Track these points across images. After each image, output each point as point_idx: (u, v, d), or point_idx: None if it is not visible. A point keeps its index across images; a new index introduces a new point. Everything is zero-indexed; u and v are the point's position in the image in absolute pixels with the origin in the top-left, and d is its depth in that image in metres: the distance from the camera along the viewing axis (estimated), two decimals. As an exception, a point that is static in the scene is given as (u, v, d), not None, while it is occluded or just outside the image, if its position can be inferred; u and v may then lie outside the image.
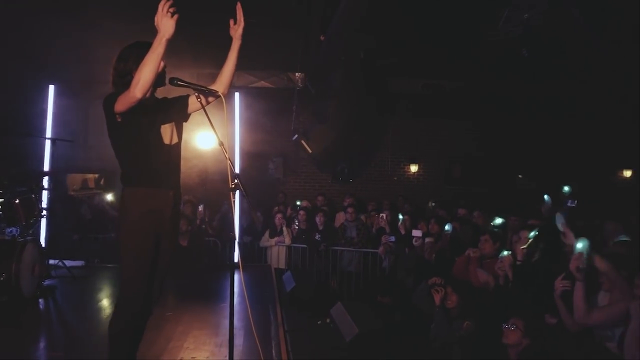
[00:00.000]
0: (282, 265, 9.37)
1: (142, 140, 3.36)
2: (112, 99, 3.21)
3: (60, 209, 9.07)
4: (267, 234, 9.64)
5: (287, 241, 9.40)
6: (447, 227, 7.21)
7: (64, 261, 7.38)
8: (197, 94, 3.37)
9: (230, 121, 8.34)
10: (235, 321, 3.29)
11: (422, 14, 8.59)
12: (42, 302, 6.00)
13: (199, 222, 9.73)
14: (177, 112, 3.57)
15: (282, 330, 5.43)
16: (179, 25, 3.06)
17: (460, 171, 13.63)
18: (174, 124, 3.54)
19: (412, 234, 7.45)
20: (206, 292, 6.99)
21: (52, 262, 7.14)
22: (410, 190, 13.21)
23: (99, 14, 7.70)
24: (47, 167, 7.64)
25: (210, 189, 10.03)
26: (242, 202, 8.40)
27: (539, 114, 12.37)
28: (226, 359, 3.46)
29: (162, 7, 3.03)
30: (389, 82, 12.03)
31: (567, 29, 8.22)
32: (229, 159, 3.22)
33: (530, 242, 5.10)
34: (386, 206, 10.83)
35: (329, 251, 9.22)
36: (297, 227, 9.60)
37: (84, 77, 9.30)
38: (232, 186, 3.23)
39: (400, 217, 8.26)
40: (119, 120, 3.25)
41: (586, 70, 9.38)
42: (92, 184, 12.15)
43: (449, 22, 9.11)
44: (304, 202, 11.12)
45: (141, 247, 3.34)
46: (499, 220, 7.85)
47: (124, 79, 3.33)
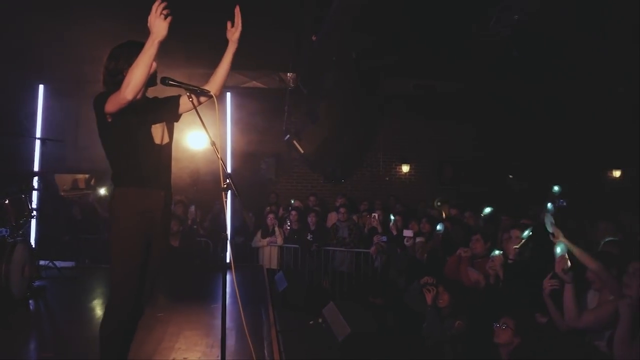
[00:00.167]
0: (274, 265, 9.36)
1: (132, 140, 3.34)
2: (103, 99, 3.19)
3: (50, 209, 9.02)
4: (259, 234, 9.64)
5: (279, 241, 9.40)
6: (438, 227, 7.24)
7: (55, 262, 7.35)
8: (189, 94, 3.35)
9: (221, 121, 8.32)
10: (227, 322, 3.28)
11: (413, 14, 8.61)
12: (32, 303, 5.96)
13: (190, 223, 9.70)
14: (168, 112, 3.56)
15: (275, 330, 5.43)
16: (171, 25, 3.05)
17: (451, 171, 13.68)
18: (164, 123, 3.52)
19: (404, 234, 7.47)
20: (198, 292, 6.97)
21: (42, 262, 7.10)
22: (402, 190, 13.23)
23: (87, 13, 7.67)
24: (37, 168, 7.61)
25: (201, 190, 10.01)
26: (234, 202, 8.39)
27: (531, 115, 12.44)
28: (218, 359, 3.45)
29: (156, 9, 3.00)
30: (380, 83, 12.04)
31: (558, 29, 8.27)
32: (221, 159, 3.21)
33: (523, 242, 5.12)
34: (378, 206, 10.84)
35: (321, 251, 9.22)
36: (289, 227, 9.60)
37: (74, 76, 9.25)
38: (224, 186, 3.22)
39: (392, 217, 8.27)
40: (110, 120, 3.23)
41: (577, 70, 9.44)
42: (82, 185, 12.08)
43: (441, 23, 9.13)
44: (296, 202, 11.11)
45: (132, 247, 3.32)
46: (488, 209, 7.90)
47: (114, 78, 3.32)
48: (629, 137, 11.77)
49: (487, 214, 8.01)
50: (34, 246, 6.83)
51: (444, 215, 9.32)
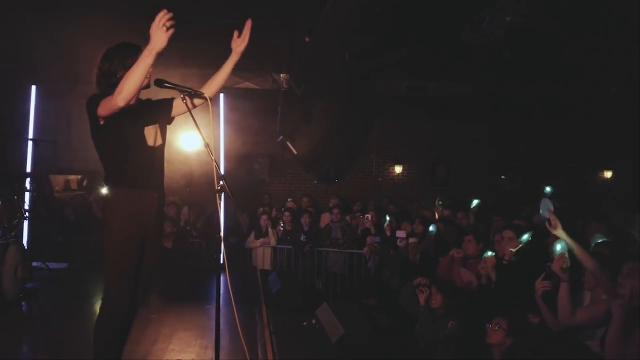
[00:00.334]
0: (267, 266, 9.36)
1: (125, 142, 3.33)
2: (95, 102, 3.18)
3: (43, 210, 8.98)
4: (252, 235, 9.63)
5: (273, 242, 9.40)
6: (431, 228, 7.26)
7: (47, 263, 7.32)
8: (183, 96, 3.34)
9: (215, 122, 8.32)
10: (220, 323, 3.29)
11: (406, 15, 8.64)
12: (25, 304, 5.95)
13: (183, 224, 9.69)
14: (161, 115, 3.55)
15: (268, 331, 5.44)
16: (170, 27, 3.03)
17: (444, 172, 13.72)
18: (157, 125, 3.51)
19: (396, 235, 7.48)
20: (191, 293, 6.95)
21: (35, 264, 7.08)
22: (395, 191, 13.26)
23: (80, 13, 7.66)
24: (29, 169, 7.58)
25: (195, 191, 10.01)
26: (228, 203, 8.39)
27: (524, 115, 12.50)
28: (212, 360, 3.46)
29: (160, 19, 2.95)
30: (373, 84, 12.07)
31: (551, 30, 8.32)
32: (215, 161, 3.22)
33: (520, 247, 5.09)
34: (371, 207, 10.86)
35: (314, 252, 9.23)
36: (282, 228, 9.60)
37: (66, 77, 9.23)
38: (218, 188, 3.23)
39: (387, 218, 8.28)
40: (102, 123, 3.23)
41: (570, 71, 9.50)
42: (74, 185, 12.05)
43: (434, 24, 9.16)
44: (289, 203, 11.12)
45: (125, 249, 3.33)
46: (476, 201, 7.94)
47: (108, 80, 3.32)
48: (621, 138, 11.89)
49: (476, 206, 8.02)
50: (26, 248, 6.80)
51: (437, 216, 9.35)
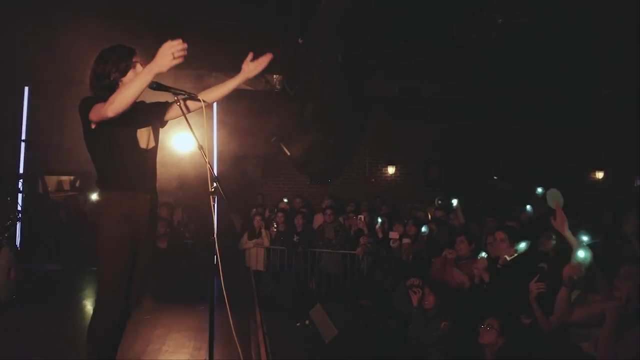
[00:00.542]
0: (260, 267, 9.35)
1: (117, 144, 3.33)
2: (88, 106, 3.18)
3: (35, 211, 8.96)
4: (245, 236, 9.62)
5: (266, 243, 9.40)
6: (423, 229, 7.28)
7: (40, 264, 7.31)
8: (177, 99, 3.33)
9: (208, 124, 8.32)
10: (214, 324, 3.30)
11: (400, 16, 8.67)
12: (18, 306, 5.94)
13: (176, 225, 9.67)
14: (154, 118, 3.55)
15: (262, 332, 5.45)
16: (160, 25, 3.03)
17: (437, 173, 13.77)
18: (150, 128, 3.51)
19: (389, 236, 7.50)
20: (184, 294, 6.94)
21: (28, 265, 7.06)
22: (388, 191, 13.30)
23: (72, 13, 7.65)
24: (22, 170, 7.56)
25: (188, 192, 9.99)
26: (221, 204, 8.37)
27: (516, 117, 12.55)
28: (206, 361, 3.47)
29: (173, 46, 2.90)
30: (366, 85, 12.10)
31: (543, 32, 8.38)
32: (209, 163, 3.23)
33: (515, 257, 5.07)
34: (364, 208, 10.88)
35: (307, 253, 9.24)
36: (275, 229, 9.61)
37: (59, 78, 9.21)
38: (212, 190, 3.24)
39: (379, 220, 8.30)
40: (94, 127, 3.23)
41: (561, 73, 9.55)
42: (67, 186, 12.03)
43: (426, 25, 9.20)
44: (282, 204, 11.12)
45: (119, 250, 3.33)
46: (454, 200, 7.99)
47: (101, 82, 3.32)
48: (614, 138, 11.98)
49: (457, 205, 8.05)
50: (19, 249, 6.79)
51: (430, 217, 9.39)
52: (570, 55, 8.68)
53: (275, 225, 9.62)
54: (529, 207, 8.05)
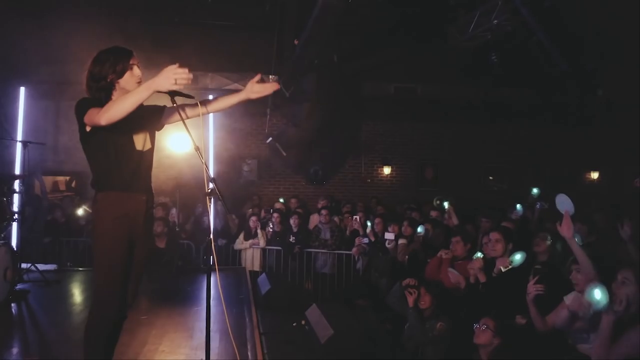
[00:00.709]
0: (256, 267, 9.37)
1: (113, 146, 3.32)
2: (83, 108, 3.18)
3: (31, 212, 8.95)
4: (241, 237, 9.64)
5: (262, 243, 9.41)
6: (419, 229, 7.29)
7: (37, 265, 7.30)
8: (175, 105, 3.32)
9: (204, 124, 8.33)
10: (210, 324, 3.32)
11: (395, 17, 8.71)
12: (14, 306, 5.95)
13: (171, 225, 9.66)
14: (151, 121, 3.54)
15: (258, 332, 5.46)
16: (158, 27, 3.03)
17: (432, 173, 13.80)
18: (146, 130, 3.51)
19: (385, 237, 7.50)
20: (180, 295, 6.97)
21: (24, 266, 7.06)
22: (383, 192, 13.32)
23: (67, 14, 7.65)
24: (18, 170, 7.56)
25: (183, 192, 9.99)
26: (217, 204, 8.39)
27: (511, 118, 12.62)
28: (202, 361, 3.48)
29: (178, 73, 2.92)
30: (362, 86, 12.14)
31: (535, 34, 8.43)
32: (205, 164, 3.24)
33: (511, 268, 5.07)
34: (360, 208, 10.89)
35: (303, 253, 9.25)
36: (271, 229, 9.62)
37: (54, 78, 9.21)
38: (208, 191, 3.25)
39: (368, 223, 8.29)
40: (89, 129, 3.23)
41: (555, 75, 9.60)
42: (63, 187, 12.02)
43: (422, 26, 9.25)
44: (277, 205, 11.13)
45: (114, 251, 3.32)
46: (445, 203, 8.04)
47: (98, 83, 3.31)
48: (609, 138, 12.04)
49: (448, 207, 8.08)
50: (15, 249, 6.78)
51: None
52: (565, 55, 8.71)
53: (271, 225, 9.63)
54: (519, 206, 8.06)
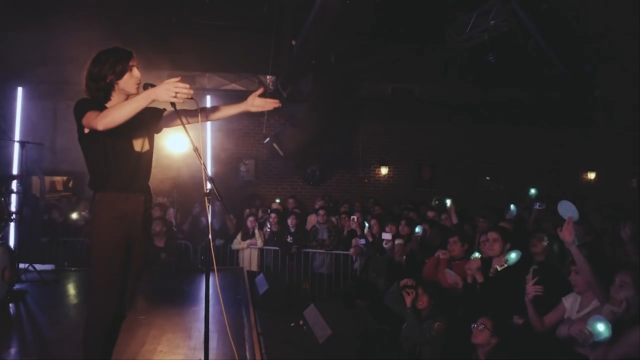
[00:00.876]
0: (254, 267, 9.37)
1: (112, 148, 3.32)
2: (82, 110, 3.18)
3: (29, 212, 8.94)
4: (239, 237, 9.63)
5: (259, 244, 9.42)
6: (417, 230, 7.30)
7: (34, 265, 7.30)
8: (175, 110, 3.32)
9: (202, 125, 8.33)
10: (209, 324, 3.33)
11: (392, 18, 8.71)
12: (12, 306, 5.95)
13: (169, 224, 9.66)
14: (150, 124, 3.54)
15: (256, 332, 5.47)
16: (157, 28, 3.04)
17: (429, 173, 13.83)
18: (145, 132, 3.51)
19: (382, 237, 7.51)
20: (178, 295, 6.96)
21: (22, 266, 7.06)
22: (380, 192, 13.34)
23: (64, 15, 7.64)
24: (16, 170, 7.55)
25: (181, 192, 10.00)
26: (215, 204, 8.39)
27: (508, 118, 12.64)
28: (201, 361, 3.49)
29: (180, 88, 2.95)
30: (359, 86, 12.16)
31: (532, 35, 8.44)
32: (204, 164, 3.25)
33: (506, 267, 5.08)
34: (357, 208, 10.90)
35: (300, 253, 9.26)
36: (269, 229, 9.62)
37: (52, 78, 9.20)
38: (207, 191, 3.26)
39: (366, 224, 8.31)
40: (87, 131, 3.23)
41: (551, 75, 9.62)
42: (60, 187, 12.01)
43: (419, 27, 9.25)
44: (274, 205, 11.13)
45: (113, 251, 3.33)
46: (448, 200, 8.07)
47: (97, 84, 3.31)
48: (606, 139, 12.08)
49: (451, 204, 8.10)
50: (13, 249, 6.78)
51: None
52: (562, 56, 8.73)
53: (268, 225, 9.64)
54: (512, 206, 8.09)
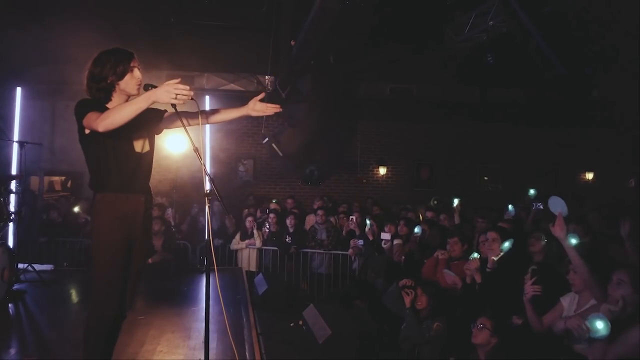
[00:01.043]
0: (253, 267, 9.37)
1: (113, 148, 3.33)
2: (82, 110, 3.19)
3: (28, 212, 8.93)
4: (237, 237, 9.62)
5: (258, 244, 9.42)
6: (416, 230, 7.31)
7: (33, 265, 7.30)
8: (176, 111, 3.34)
9: (201, 125, 8.33)
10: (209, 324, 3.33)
11: (391, 18, 8.72)
12: (11, 306, 5.94)
13: (168, 224, 9.67)
14: (150, 126, 3.55)
15: (255, 332, 5.47)
16: (156, 29, 3.05)
17: (428, 173, 13.84)
18: (146, 133, 3.52)
19: (381, 237, 7.51)
20: (177, 295, 6.96)
21: (21, 266, 7.05)
22: (379, 192, 13.35)
23: (64, 15, 7.64)
24: (15, 171, 7.55)
25: (180, 193, 10.00)
26: (214, 204, 8.39)
27: (506, 118, 12.66)
28: (201, 361, 3.50)
29: (180, 89, 2.96)
30: (357, 86, 12.18)
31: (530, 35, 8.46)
32: (204, 165, 3.25)
33: (502, 255, 5.11)
34: (356, 208, 10.91)
35: (299, 253, 9.26)
36: (267, 229, 9.62)
37: (51, 78, 9.20)
38: (207, 191, 3.27)
39: (367, 222, 8.32)
40: (87, 132, 3.24)
41: (551, 76, 9.64)
42: (58, 187, 12.00)
43: (417, 27, 9.26)
44: (273, 205, 11.13)
45: (113, 252, 3.34)
46: (456, 200, 8.10)
47: (98, 84, 3.32)
48: (604, 139, 12.10)
49: (458, 204, 8.13)
50: (12, 249, 6.78)
51: (421, 217, 9.43)
52: (561, 57, 8.75)
53: (267, 225, 9.64)
54: (510, 206, 8.11)
